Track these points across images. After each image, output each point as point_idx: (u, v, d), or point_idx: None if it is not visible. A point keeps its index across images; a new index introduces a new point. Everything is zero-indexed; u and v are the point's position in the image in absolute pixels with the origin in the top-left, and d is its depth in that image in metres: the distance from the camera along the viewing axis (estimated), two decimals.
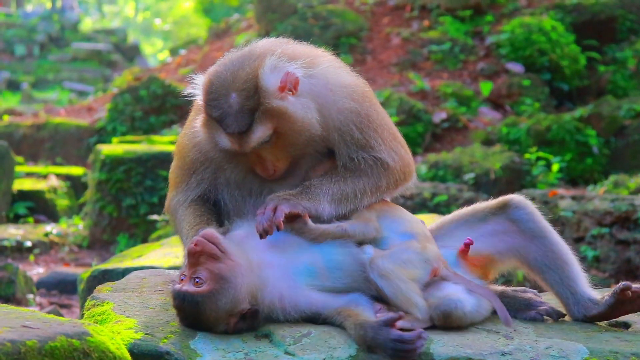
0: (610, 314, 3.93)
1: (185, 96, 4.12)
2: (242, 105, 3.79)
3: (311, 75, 3.92)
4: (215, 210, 4.14)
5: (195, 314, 3.60)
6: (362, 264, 3.81)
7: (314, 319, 3.74)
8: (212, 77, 3.91)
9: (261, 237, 3.70)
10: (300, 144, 3.91)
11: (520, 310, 4.00)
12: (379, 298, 3.78)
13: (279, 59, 3.85)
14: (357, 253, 3.84)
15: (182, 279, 3.66)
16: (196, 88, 3.99)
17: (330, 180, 3.93)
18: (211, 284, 3.58)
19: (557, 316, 4.00)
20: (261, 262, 3.76)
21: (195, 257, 3.63)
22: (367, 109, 4.03)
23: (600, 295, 3.99)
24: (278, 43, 4.05)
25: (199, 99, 3.95)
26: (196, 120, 4.03)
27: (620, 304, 3.90)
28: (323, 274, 3.78)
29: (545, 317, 3.99)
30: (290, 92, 3.84)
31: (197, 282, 3.59)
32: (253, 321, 3.66)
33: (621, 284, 3.87)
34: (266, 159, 3.90)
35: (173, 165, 4.30)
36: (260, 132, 3.81)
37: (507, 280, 6.43)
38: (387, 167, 4.03)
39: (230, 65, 3.91)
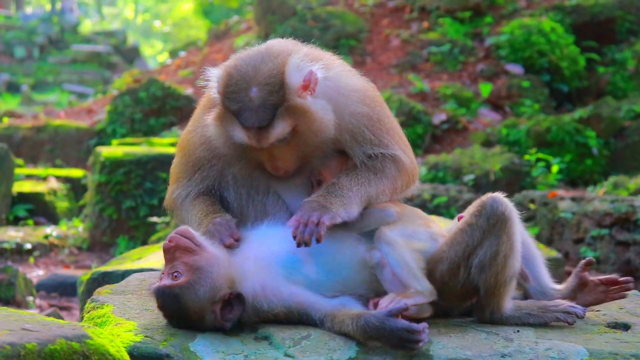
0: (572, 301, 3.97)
1: (187, 96, 4.11)
2: (265, 100, 3.77)
3: (326, 77, 3.93)
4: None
5: (178, 307, 3.62)
6: (349, 241, 3.85)
7: (305, 319, 3.73)
8: (232, 70, 3.87)
9: (298, 245, 3.68)
10: (314, 144, 3.92)
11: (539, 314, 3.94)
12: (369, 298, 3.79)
13: (303, 58, 3.85)
14: (343, 235, 3.85)
15: (161, 278, 3.69)
16: (211, 81, 3.95)
17: (357, 182, 3.92)
18: (188, 275, 3.62)
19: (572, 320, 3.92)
20: (241, 256, 3.79)
21: (170, 252, 3.67)
22: (378, 113, 4.07)
23: (563, 286, 4.07)
24: (292, 44, 4.06)
25: (215, 92, 3.91)
26: (208, 114, 3.99)
27: (581, 289, 4.02)
28: (307, 260, 3.79)
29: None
30: (310, 93, 3.85)
31: (176, 276, 3.63)
32: (240, 306, 3.66)
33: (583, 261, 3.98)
34: (278, 157, 3.89)
35: (175, 161, 4.27)
36: (280, 129, 3.79)
37: None
38: (403, 166, 4.07)
39: (250, 60, 3.88)
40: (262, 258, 3.79)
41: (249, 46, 4.08)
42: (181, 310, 3.62)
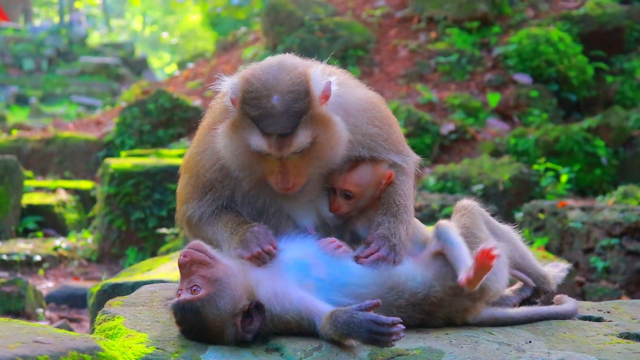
0: None
1: (195, 108, 4.09)
2: (289, 107, 3.71)
3: (338, 94, 3.91)
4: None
5: (198, 322, 3.60)
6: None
7: (312, 328, 3.71)
8: (250, 77, 3.80)
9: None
10: (327, 159, 3.87)
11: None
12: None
13: (322, 70, 3.85)
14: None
15: (179, 294, 3.68)
16: (225, 89, 3.87)
17: (406, 207, 4.07)
18: (208, 288, 3.61)
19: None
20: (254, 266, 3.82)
21: (186, 267, 3.67)
22: (387, 131, 4.10)
23: None
24: (302, 59, 4.02)
25: (231, 99, 3.83)
26: (220, 124, 3.90)
27: None
28: (315, 263, 3.82)
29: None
30: (326, 105, 3.83)
31: (194, 289, 3.62)
32: (260, 316, 3.66)
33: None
34: (290, 170, 3.82)
35: (182, 183, 4.19)
36: (303, 138, 3.73)
37: None
38: (416, 162, 4.25)
39: (268, 70, 3.82)
40: (274, 265, 3.81)
41: (257, 57, 4.06)
42: (201, 324, 3.60)
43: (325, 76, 3.83)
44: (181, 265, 3.68)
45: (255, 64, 3.98)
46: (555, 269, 4.37)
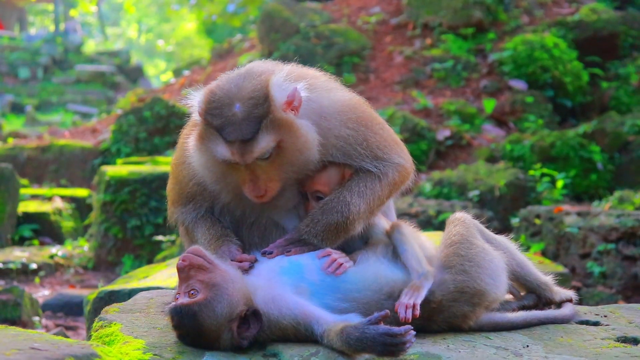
0: None
1: (186, 115, 4.08)
2: (249, 113, 3.73)
3: (310, 98, 3.90)
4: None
5: (195, 326, 3.60)
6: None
7: (310, 334, 3.71)
8: (214, 88, 3.86)
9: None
10: (298, 164, 3.87)
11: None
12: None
13: (286, 76, 3.83)
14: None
15: (176, 298, 3.69)
16: (193, 102, 3.91)
17: (359, 194, 3.96)
18: (205, 292, 3.62)
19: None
20: (252, 271, 3.84)
21: (185, 271, 3.68)
22: (363, 132, 4.03)
23: None
24: (273, 64, 4.04)
25: (197, 112, 3.87)
26: (190, 136, 3.96)
27: None
28: (309, 266, 3.82)
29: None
30: (294, 112, 3.82)
31: (192, 294, 3.63)
32: (257, 324, 3.66)
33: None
34: (260, 176, 3.83)
35: (170, 185, 4.26)
36: (265, 143, 3.74)
37: None
38: (399, 167, 4.09)
39: (232, 80, 3.87)
40: (270, 270, 3.82)
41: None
42: (198, 329, 3.60)
43: (291, 81, 3.83)
44: (180, 270, 3.69)
45: (224, 73, 4.01)
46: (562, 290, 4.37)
